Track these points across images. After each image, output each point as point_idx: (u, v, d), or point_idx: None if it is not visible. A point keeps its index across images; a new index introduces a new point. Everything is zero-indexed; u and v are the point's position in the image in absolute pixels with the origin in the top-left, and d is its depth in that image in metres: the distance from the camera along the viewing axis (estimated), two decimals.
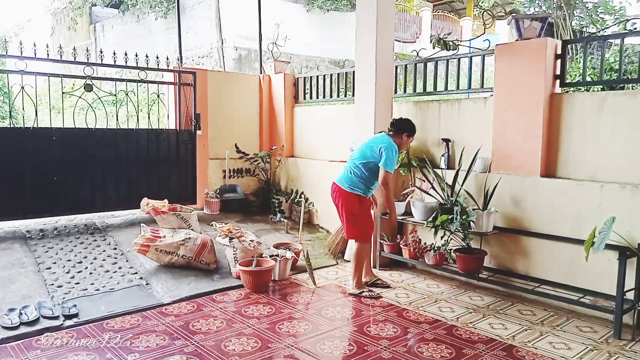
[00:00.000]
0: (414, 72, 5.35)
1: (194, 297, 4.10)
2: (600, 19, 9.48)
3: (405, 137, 4.25)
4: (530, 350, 3.22)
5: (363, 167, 4.12)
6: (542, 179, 4.11)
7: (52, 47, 5.23)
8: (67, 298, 3.88)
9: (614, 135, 3.80)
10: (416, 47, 7.04)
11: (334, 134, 6.20)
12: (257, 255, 4.50)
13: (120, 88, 5.53)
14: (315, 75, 6.58)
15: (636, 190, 3.57)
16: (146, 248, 4.43)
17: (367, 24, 4.87)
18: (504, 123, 4.35)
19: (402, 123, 4.26)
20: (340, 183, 4.20)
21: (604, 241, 3.20)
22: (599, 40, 4.46)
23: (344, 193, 4.17)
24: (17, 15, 20.83)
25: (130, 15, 16.18)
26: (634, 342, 3.35)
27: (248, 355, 3.10)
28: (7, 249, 4.54)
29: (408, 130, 4.24)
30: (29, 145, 5.01)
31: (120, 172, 5.63)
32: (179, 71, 6.05)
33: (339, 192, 4.20)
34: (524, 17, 4.29)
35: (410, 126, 4.27)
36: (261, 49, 7.43)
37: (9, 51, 5.05)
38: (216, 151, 6.46)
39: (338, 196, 4.22)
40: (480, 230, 4.18)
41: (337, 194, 4.22)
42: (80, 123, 5.30)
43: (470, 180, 4.51)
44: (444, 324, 3.63)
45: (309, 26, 14.03)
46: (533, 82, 4.12)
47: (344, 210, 4.20)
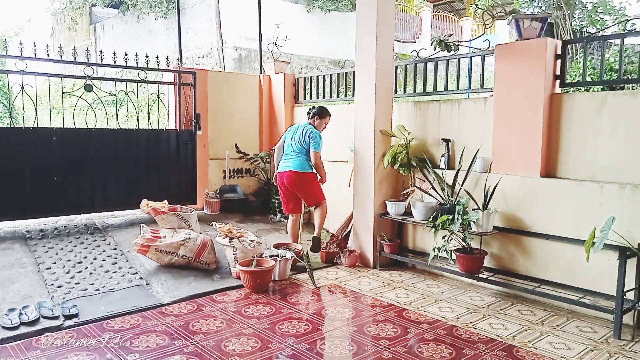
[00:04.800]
0: (414, 72, 5.35)
1: (194, 297, 4.10)
2: (600, 19, 9.47)
3: (318, 120, 5.19)
4: (530, 350, 3.22)
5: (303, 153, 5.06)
6: (542, 179, 4.11)
7: (52, 47, 5.25)
8: (67, 298, 3.88)
9: (614, 135, 3.80)
10: (416, 47, 7.05)
11: (334, 134, 6.19)
12: (257, 255, 4.50)
13: (120, 88, 5.53)
14: (315, 75, 6.58)
15: (636, 190, 3.57)
16: (146, 248, 4.43)
17: (367, 24, 4.87)
18: (504, 123, 4.35)
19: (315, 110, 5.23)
20: (296, 168, 5.01)
21: (603, 240, 3.20)
22: (599, 40, 4.46)
23: (303, 175, 5.03)
24: (17, 15, 20.85)
25: (130, 16, 16.18)
26: (634, 342, 3.35)
27: (248, 355, 3.10)
28: (7, 249, 4.54)
29: (318, 114, 5.19)
30: (29, 145, 5.01)
31: (120, 172, 5.63)
32: (179, 71, 6.05)
33: (298, 175, 5.01)
34: (524, 17, 4.29)
35: (319, 111, 5.21)
36: (261, 49, 7.43)
37: (9, 51, 5.04)
38: (216, 151, 6.46)
39: (298, 179, 5.01)
40: (481, 230, 4.18)
41: (297, 178, 5.01)
42: (80, 123, 5.30)
43: (470, 180, 4.51)
44: (444, 324, 3.63)
45: (309, 26, 14.03)
46: (533, 82, 4.12)
47: (308, 186, 5.08)
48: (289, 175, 5.04)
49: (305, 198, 5.20)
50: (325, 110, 5.25)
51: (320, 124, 5.20)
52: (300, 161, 5.03)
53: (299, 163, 5.02)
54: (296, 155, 5.04)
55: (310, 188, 5.10)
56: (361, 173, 5.13)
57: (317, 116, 5.19)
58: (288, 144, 5.14)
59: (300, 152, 5.05)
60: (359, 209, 5.17)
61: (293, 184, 5.05)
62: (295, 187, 5.08)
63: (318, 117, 5.19)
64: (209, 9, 13.08)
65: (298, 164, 5.02)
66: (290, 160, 5.07)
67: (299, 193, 5.15)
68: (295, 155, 5.05)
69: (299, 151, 5.04)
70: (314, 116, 5.21)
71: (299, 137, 5.06)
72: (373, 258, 5.03)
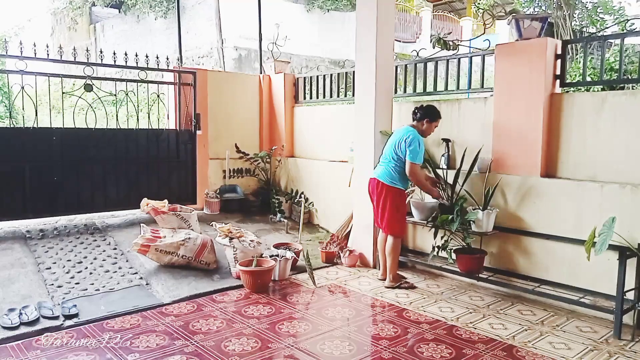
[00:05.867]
0: (414, 72, 5.35)
1: (194, 297, 4.10)
2: (600, 19, 9.47)
3: (427, 123, 4.33)
4: (530, 350, 3.22)
5: (398, 162, 4.26)
6: (542, 179, 4.11)
7: (52, 47, 5.24)
8: (67, 298, 3.88)
9: (614, 135, 3.80)
10: (416, 47, 7.04)
11: (334, 134, 6.20)
12: (257, 255, 4.50)
13: (120, 88, 5.53)
14: (315, 75, 6.58)
15: (636, 190, 3.57)
16: (146, 248, 4.43)
17: (367, 24, 4.87)
18: (504, 123, 4.35)
19: (422, 110, 4.36)
20: (382, 178, 4.30)
21: (606, 242, 3.19)
22: (599, 40, 4.46)
23: (388, 188, 4.29)
24: (17, 15, 20.82)
25: (130, 15, 16.18)
26: (634, 342, 3.35)
27: (248, 355, 3.10)
28: (7, 249, 4.54)
29: (428, 117, 4.32)
30: (29, 145, 5.01)
31: (120, 172, 5.63)
32: (179, 71, 6.05)
33: (382, 187, 4.30)
34: (524, 17, 4.29)
35: (430, 112, 4.34)
36: (261, 49, 7.43)
37: (9, 51, 5.05)
38: (216, 151, 6.46)
39: (382, 191, 4.31)
40: (481, 230, 4.18)
41: (380, 189, 4.32)
42: (80, 123, 5.30)
43: (470, 180, 4.51)
44: (444, 324, 3.63)
45: (309, 26, 14.03)
46: (533, 82, 4.12)
47: (389, 204, 4.29)
48: (374, 184, 4.40)
49: (382, 217, 4.38)
50: (436, 112, 4.38)
51: (429, 129, 4.37)
52: (388, 171, 4.29)
53: (386, 173, 4.31)
54: (387, 162, 4.32)
55: (389, 207, 4.29)
56: (361, 173, 5.12)
57: (427, 119, 4.32)
58: (384, 148, 4.47)
59: (391, 160, 4.28)
60: (359, 209, 5.17)
61: (374, 194, 4.42)
62: (377, 199, 4.40)
63: (428, 120, 4.32)
64: (209, 9, 13.08)
65: (385, 173, 4.31)
66: (380, 167, 4.42)
67: (378, 208, 4.40)
68: (386, 162, 4.34)
69: (391, 159, 4.29)
70: (422, 118, 4.33)
71: (396, 142, 4.27)
72: (373, 258, 5.03)
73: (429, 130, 4.39)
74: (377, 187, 4.36)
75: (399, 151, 4.23)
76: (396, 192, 4.30)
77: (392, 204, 4.30)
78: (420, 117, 4.33)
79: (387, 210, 4.32)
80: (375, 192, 4.40)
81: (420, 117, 4.33)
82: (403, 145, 4.20)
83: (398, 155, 4.24)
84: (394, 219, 4.33)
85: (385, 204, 4.32)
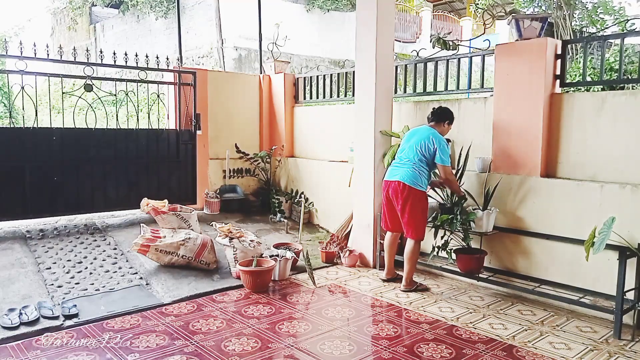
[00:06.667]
0: (414, 72, 5.35)
1: (194, 297, 4.10)
2: (600, 19, 9.47)
3: (447, 126, 4.35)
4: (530, 350, 3.22)
5: (423, 163, 4.17)
6: (542, 179, 4.11)
7: (52, 47, 5.25)
8: (67, 298, 3.88)
9: (614, 135, 3.80)
10: (416, 47, 7.05)
11: (334, 134, 6.20)
12: (257, 255, 4.50)
13: (120, 88, 5.53)
14: (315, 75, 6.58)
15: (636, 190, 3.57)
16: (146, 248, 4.43)
17: (367, 24, 4.87)
18: (504, 123, 4.35)
19: (444, 112, 4.35)
20: (406, 180, 4.15)
21: (604, 242, 3.20)
22: (599, 40, 4.46)
23: (413, 191, 4.15)
24: (17, 15, 20.84)
25: (130, 15, 16.17)
26: (634, 342, 3.35)
27: (248, 355, 3.10)
28: (7, 249, 4.54)
29: (449, 118, 4.35)
30: (29, 145, 5.01)
31: (120, 172, 5.63)
32: (179, 71, 6.05)
33: (406, 189, 4.14)
34: (524, 17, 4.29)
35: (450, 114, 4.37)
36: (261, 49, 7.43)
37: (9, 51, 5.05)
38: (216, 151, 6.46)
39: (407, 194, 4.15)
40: (481, 230, 4.18)
41: (405, 192, 4.15)
42: (80, 123, 5.30)
43: (470, 180, 4.51)
44: (444, 324, 3.63)
45: (309, 26, 14.03)
46: (533, 82, 4.12)
47: (413, 208, 4.16)
48: (396, 186, 4.21)
49: (405, 221, 4.23)
50: (452, 114, 4.39)
51: (447, 130, 4.38)
52: (414, 173, 4.14)
53: (411, 174, 4.14)
54: (412, 164, 4.15)
55: (414, 210, 4.15)
56: (361, 173, 5.13)
57: (447, 121, 4.33)
58: (403, 148, 4.32)
59: (416, 162, 4.15)
60: (359, 209, 5.17)
61: (397, 197, 4.22)
62: (399, 202, 4.21)
63: (449, 122, 4.34)
64: (209, 9, 13.08)
65: (410, 175, 4.14)
66: (401, 168, 4.22)
67: (400, 212, 4.25)
68: (410, 164, 4.16)
69: (417, 160, 4.15)
70: (443, 120, 4.31)
71: (420, 143, 4.15)
72: (373, 258, 5.03)
73: (446, 132, 4.37)
74: (401, 189, 4.16)
75: (426, 152, 4.12)
76: (422, 195, 4.18)
77: (418, 207, 4.17)
78: (441, 118, 4.31)
79: (412, 214, 4.16)
80: (398, 195, 4.20)
81: (440, 119, 4.31)
82: (431, 147, 4.11)
83: (425, 157, 4.14)
84: (420, 223, 4.21)
85: (411, 207, 4.16)
